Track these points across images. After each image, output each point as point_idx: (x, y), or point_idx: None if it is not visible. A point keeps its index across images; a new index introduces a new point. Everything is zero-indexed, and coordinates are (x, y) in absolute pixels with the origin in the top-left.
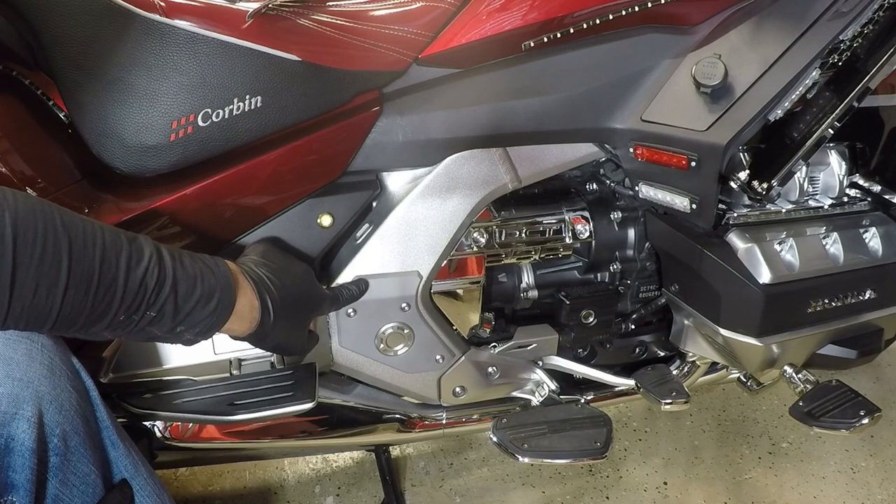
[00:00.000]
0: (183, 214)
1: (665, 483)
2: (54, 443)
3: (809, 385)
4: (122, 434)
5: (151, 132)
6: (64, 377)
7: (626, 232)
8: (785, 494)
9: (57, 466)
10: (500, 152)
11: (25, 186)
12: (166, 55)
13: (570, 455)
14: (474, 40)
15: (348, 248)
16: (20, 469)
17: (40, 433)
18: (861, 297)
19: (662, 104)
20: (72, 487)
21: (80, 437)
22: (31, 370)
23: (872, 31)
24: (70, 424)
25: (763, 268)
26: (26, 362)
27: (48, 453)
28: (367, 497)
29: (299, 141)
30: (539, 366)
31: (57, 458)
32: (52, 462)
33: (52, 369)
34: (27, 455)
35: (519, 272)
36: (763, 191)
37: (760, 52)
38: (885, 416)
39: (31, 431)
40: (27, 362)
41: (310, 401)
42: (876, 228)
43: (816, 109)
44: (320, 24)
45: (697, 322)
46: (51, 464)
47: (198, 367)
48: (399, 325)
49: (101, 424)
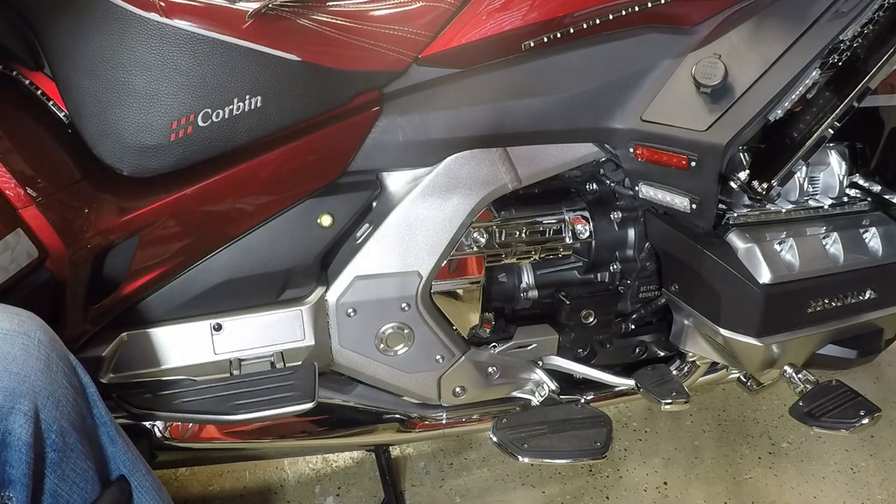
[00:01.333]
0: (183, 214)
1: (665, 483)
2: (52, 438)
3: (809, 385)
4: (119, 431)
5: (151, 132)
6: (61, 373)
7: (626, 232)
8: (785, 494)
9: (55, 462)
10: (500, 152)
11: (25, 186)
12: (166, 55)
13: (570, 455)
14: (474, 40)
15: (348, 248)
16: (17, 464)
17: (37, 428)
18: (861, 297)
19: (662, 104)
20: (70, 483)
21: (78, 434)
22: (28, 365)
23: (872, 31)
24: (67, 420)
25: (763, 268)
26: (23, 357)
27: (45, 449)
28: (367, 497)
29: (299, 141)
30: (539, 366)
31: (55, 453)
32: (50, 458)
33: (48, 365)
34: (24, 450)
35: (519, 272)
36: (763, 191)
37: (760, 52)
38: (885, 416)
39: (27, 426)
40: (24, 357)
41: (310, 401)
42: (876, 228)
43: (816, 109)
44: (320, 24)
45: (697, 322)
46: (48, 459)
47: (198, 367)
48: (399, 325)
49: (98, 421)
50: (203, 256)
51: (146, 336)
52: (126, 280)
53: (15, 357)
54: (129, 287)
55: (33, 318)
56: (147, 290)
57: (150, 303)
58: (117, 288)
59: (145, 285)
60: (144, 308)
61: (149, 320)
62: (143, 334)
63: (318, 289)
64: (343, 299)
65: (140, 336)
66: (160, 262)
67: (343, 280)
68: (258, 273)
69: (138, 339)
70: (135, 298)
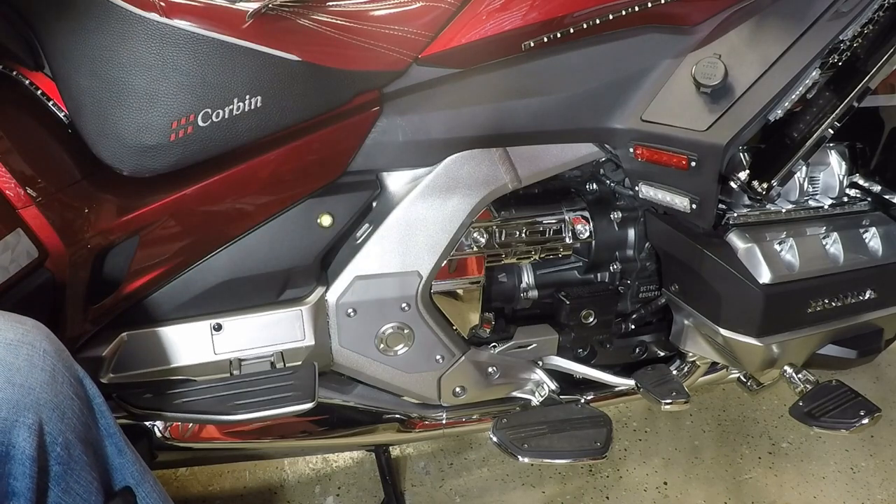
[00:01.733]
0: (183, 214)
1: (665, 483)
2: (57, 451)
3: (809, 385)
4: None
5: (151, 132)
6: (66, 384)
7: (626, 232)
8: (785, 494)
9: (59, 475)
10: (500, 152)
11: (26, 186)
12: (166, 55)
13: (570, 455)
14: (474, 40)
15: (348, 248)
16: (20, 477)
17: (41, 441)
18: (861, 297)
19: (662, 104)
20: (74, 496)
21: (83, 445)
22: (33, 376)
23: (872, 31)
24: (73, 432)
25: (763, 268)
26: (27, 368)
27: (49, 462)
28: (367, 497)
29: (299, 141)
30: (539, 366)
31: (59, 466)
32: (55, 471)
33: (53, 377)
34: (27, 463)
35: (519, 272)
36: (763, 191)
37: (760, 52)
38: (885, 416)
39: (31, 440)
40: (28, 368)
41: (310, 401)
42: (876, 228)
43: (816, 109)
44: (320, 24)
45: (697, 322)
46: (52, 472)
47: (198, 367)
48: (399, 325)
49: (106, 432)
50: (203, 256)
51: (146, 336)
52: (126, 280)
53: (19, 368)
54: (129, 287)
55: (39, 328)
56: (147, 290)
57: (150, 303)
58: (117, 288)
59: (145, 285)
60: (144, 308)
61: (149, 320)
62: (143, 334)
63: (318, 289)
64: (343, 299)
65: (140, 336)
66: (160, 262)
67: (343, 280)
68: (258, 273)
69: (138, 339)
70: (135, 298)
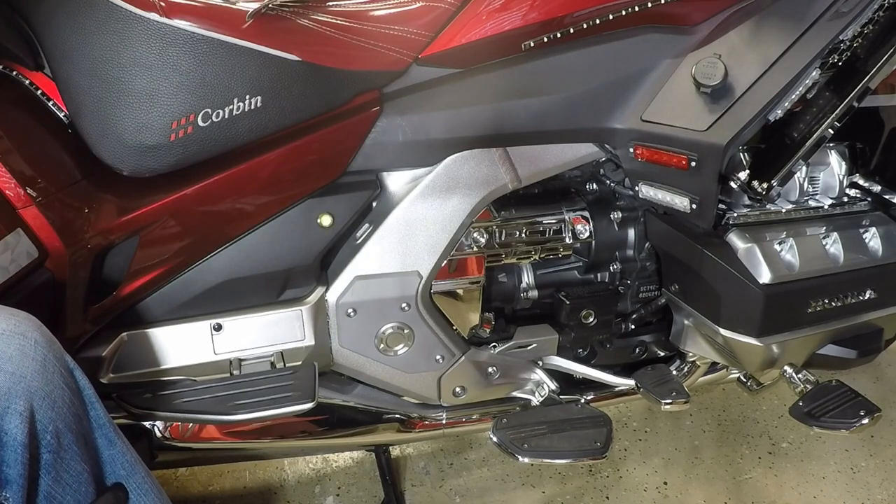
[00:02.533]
0: (183, 214)
1: (665, 483)
2: (47, 439)
3: (809, 385)
4: (118, 433)
5: (151, 132)
6: (57, 374)
7: (626, 232)
8: (785, 494)
9: (50, 463)
10: (500, 152)
11: (26, 186)
12: (166, 55)
13: (570, 455)
14: (474, 40)
15: (348, 248)
16: (13, 464)
17: (32, 429)
18: (861, 297)
19: (662, 104)
20: (65, 485)
21: (73, 435)
22: (24, 365)
23: (872, 31)
24: (63, 421)
25: (763, 268)
26: (19, 357)
27: (40, 450)
28: (367, 497)
29: (299, 141)
30: (539, 366)
31: (50, 454)
32: (45, 459)
33: (44, 366)
34: (19, 450)
35: (519, 272)
36: (763, 191)
37: (760, 52)
38: (885, 416)
39: (23, 426)
40: (19, 357)
41: (310, 401)
42: (876, 228)
43: (816, 109)
44: (320, 24)
45: (697, 322)
46: (43, 460)
47: (198, 367)
48: (399, 325)
49: (96, 423)
50: (203, 256)
51: (146, 336)
52: (126, 280)
53: (11, 357)
54: (129, 287)
55: (30, 319)
56: (147, 290)
57: (150, 303)
58: (117, 288)
59: (145, 285)
60: (144, 308)
61: (149, 320)
62: (143, 334)
63: (318, 289)
64: (343, 299)
65: (140, 336)
66: (160, 262)
67: (343, 280)
68: (258, 273)
69: (138, 339)
70: (135, 298)
